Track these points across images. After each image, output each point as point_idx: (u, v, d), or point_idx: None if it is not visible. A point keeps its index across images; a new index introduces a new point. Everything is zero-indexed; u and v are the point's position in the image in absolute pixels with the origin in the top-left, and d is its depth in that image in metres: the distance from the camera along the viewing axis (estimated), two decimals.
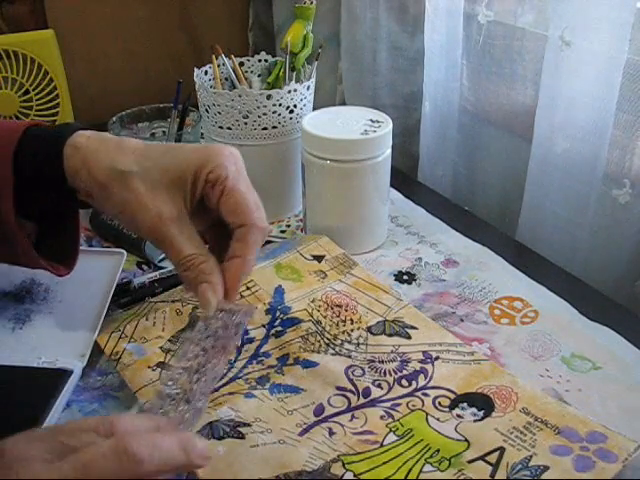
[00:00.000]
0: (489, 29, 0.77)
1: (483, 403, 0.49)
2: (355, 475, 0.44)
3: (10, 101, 0.84)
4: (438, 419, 0.48)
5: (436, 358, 0.53)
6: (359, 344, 0.55)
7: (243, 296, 0.60)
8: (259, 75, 0.81)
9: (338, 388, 0.51)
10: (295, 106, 0.72)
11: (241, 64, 0.80)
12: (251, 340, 0.56)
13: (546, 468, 0.43)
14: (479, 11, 0.77)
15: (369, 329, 0.57)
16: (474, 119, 0.85)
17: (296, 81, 0.74)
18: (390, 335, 0.56)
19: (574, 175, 0.67)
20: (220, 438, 0.46)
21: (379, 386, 0.51)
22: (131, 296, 0.62)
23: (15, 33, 0.84)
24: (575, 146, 0.67)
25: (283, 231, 0.76)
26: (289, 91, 0.71)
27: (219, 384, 0.51)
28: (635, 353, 0.55)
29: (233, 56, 0.78)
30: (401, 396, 0.50)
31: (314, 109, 0.74)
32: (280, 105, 0.71)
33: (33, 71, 0.83)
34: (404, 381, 0.52)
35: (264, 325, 0.57)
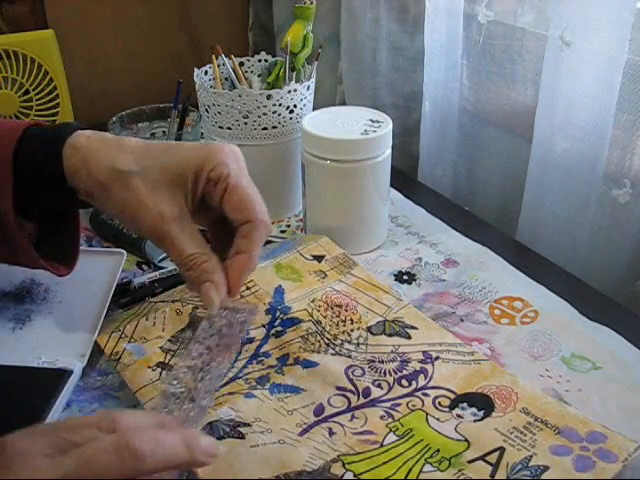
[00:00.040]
0: (489, 29, 0.77)
1: (483, 403, 0.49)
2: (355, 475, 0.44)
3: (10, 101, 0.84)
4: (438, 419, 0.48)
5: (436, 358, 0.53)
6: (359, 344, 0.55)
7: (243, 296, 0.60)
8: (259, 75, 0.81)
9: (338, 388, 0.51)
10: (295, 106, 0.72)
11: (241, 64, 0.80)
12: (251, 340, 0.56)
13: (546, 468, 0.43)
14: (479, 11, 0.77)
15: (369, 329, 0.57)
16: (474, 119, 0.85)
17: (296, 81, 0.74)
18: (390, 335, 0.56)
19: (574, 175, 0.67)
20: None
21: (379, 386, 0.51)
22: (131, 296, 0.62)
23: (15, 33, 0.84)
24: (575, 146, 0.67)
25: (283, 231, 0.76)
26: (289, 91, 0.71)
27: (219, 384, 0.51)
28: (635, 353, 0.55)
29: (233, 56, 0.78)
30: (401, 396, 0.50)
31: (314, 109, 0.74)
32: (280, 105, 0.71)
33: (33, 71, 0.83)
34: (404, 381, 0.52)
35: (264, 325, 0.57)
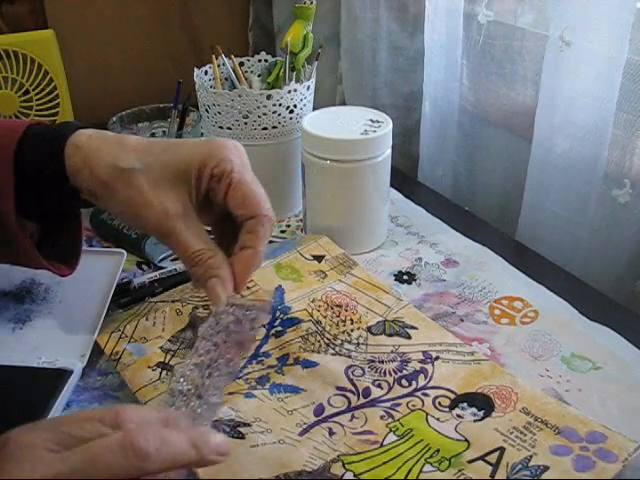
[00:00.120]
0: (489, 29, 0.77)
1: (483, 403, 0.49)
2: (355, 475, 0.44)
3: (10, 101, 0.84)
4: (438, 419, 0.48)
5: (436, 358, 0.53)
6: (359, 344, 0.55)
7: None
8: (259, 75, 0.81)
9: (338, 388, 0.51)
10: (295, 106, 0.72)
11: (241, 64, 0.80)
12: None
13: (546, 468, 0.43)
14: (479, 11, 0.77)
15: (369, 329, 0.57)
16: (474, 119, 0.85)
17: (296, 81, 0.74)
18: (390, 335, 0.56)
19: (574, 175, 0.67)
20: None
21: (379, 386, 0.51)
22: (131, 296, 0.62)
23: (15, 33, 0.84)
24: (575, 146, 0.67)
25: (283, 231, 0.76)
26: (289, 91, 0.71)
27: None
28: (635, 353, 0.55)
29: (233, 56, 0.78)
30: (401, 396, 0.50)
31: (314, 109, 0.74)
32: (280, 105, 0.71)
33: (33, 71, 0.83)
34: (404, 381, 0.52)
35: (264, 325, 0.57)
